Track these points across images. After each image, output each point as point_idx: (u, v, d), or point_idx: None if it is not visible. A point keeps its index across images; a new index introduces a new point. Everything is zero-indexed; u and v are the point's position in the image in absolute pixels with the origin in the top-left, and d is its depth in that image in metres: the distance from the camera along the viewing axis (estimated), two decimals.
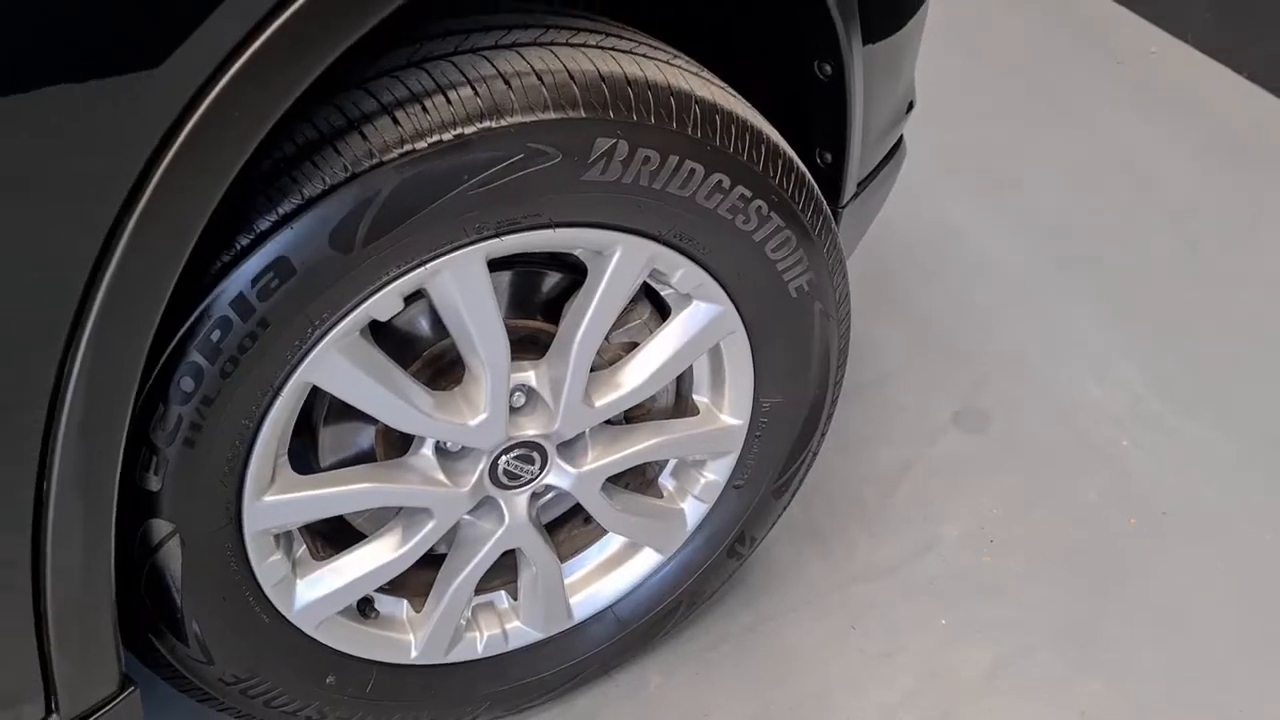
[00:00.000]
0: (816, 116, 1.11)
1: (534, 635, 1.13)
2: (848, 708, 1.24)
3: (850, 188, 1.18)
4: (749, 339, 1.02)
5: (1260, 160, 2.04)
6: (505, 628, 1.12)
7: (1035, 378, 1.60)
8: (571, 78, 0.82)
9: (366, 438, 0.99)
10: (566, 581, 1.12)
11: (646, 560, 1.15)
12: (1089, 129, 2.12)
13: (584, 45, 0.86)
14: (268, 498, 0.88)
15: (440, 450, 0.97)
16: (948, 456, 1.50)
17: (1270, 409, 1.56)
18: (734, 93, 0.94)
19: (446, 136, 0.78)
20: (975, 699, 1.25)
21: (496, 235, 0.84)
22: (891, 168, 1.31)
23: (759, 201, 0.93)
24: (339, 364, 0.84)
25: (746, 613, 1.32)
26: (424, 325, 0.96)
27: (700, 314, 0.99)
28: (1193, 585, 1.35)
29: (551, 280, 1.00)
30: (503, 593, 1.13)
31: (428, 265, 0.82)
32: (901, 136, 1.33)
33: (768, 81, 1.07)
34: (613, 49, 0.87)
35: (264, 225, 0.76)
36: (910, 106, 1.32)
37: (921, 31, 1.24)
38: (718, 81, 0.94)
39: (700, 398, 1.09)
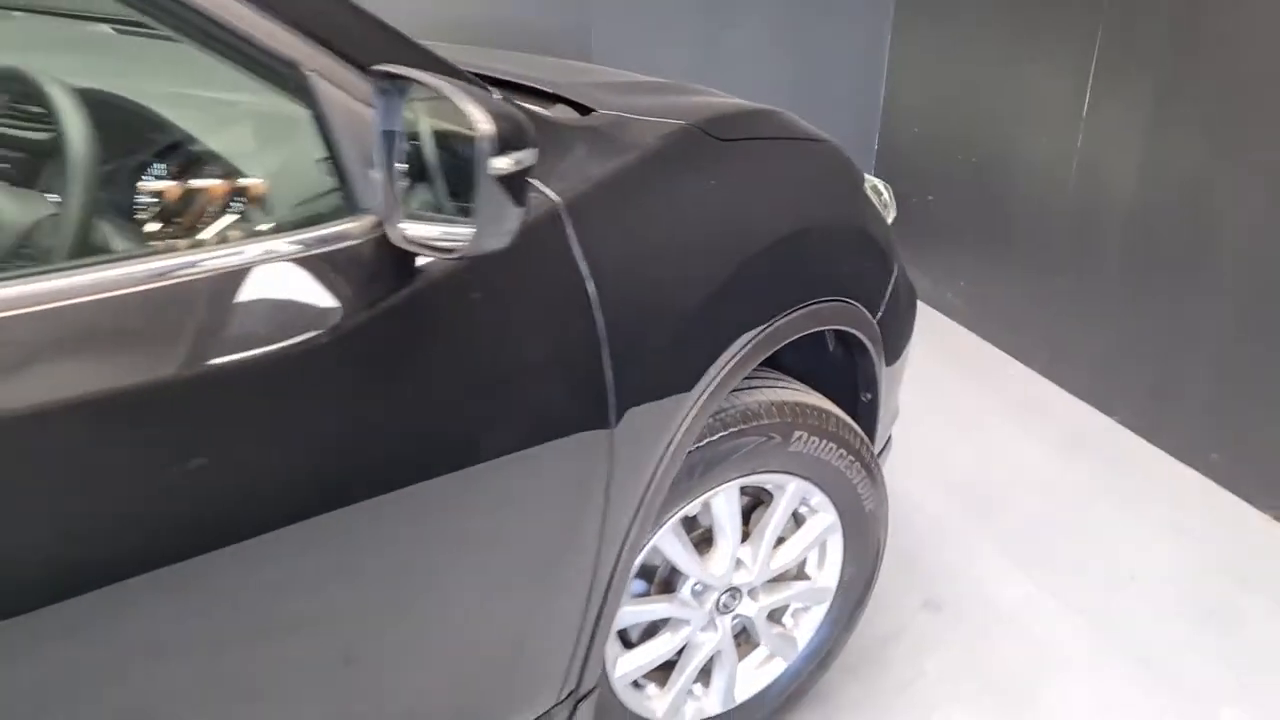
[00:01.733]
0: (858, 421, 2.09)
1: (716, 710, 1.96)
2: None
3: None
4: (843, 536, 1.95)
5: (1096, 459, 3.13)
6: (701, 704, 1.95)
7: (970, 580, 2.55)
8: (784, 403, 1.77)
9: (642, 583, 1.85)
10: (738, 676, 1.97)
11: (776, 666, 2.01)
12: (987, 437, 3.19)
13: (783, 387, 1.82)
14: (625, 608, 1.73)
15: (693, 589, 1.84)
16: (922, 623, 2.40)
17: (1117, 595, 2.53)
18: (840, 410, 1.91)
19: (733, 429, 1.71)
20: None
21: (745, 476, 1.76)
22: (887, 451, 2.30)
23: (857, 462, 1.88)
24: (670, 538, 1.72)
25: (815, 713, 2.16)
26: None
27: (821, 521, 1.91)
28: (1089, 695, 2.26)
29: (744, 500, 1.91)
30: (698, 684, 1.96)
31: (716, 490, 1.73)
32: (891, 435, 2.33)
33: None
34: (793, 389, 1.83)
35: None
36: (896, 416, 2.33)
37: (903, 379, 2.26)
38: (833, 404, 1.90)
39: (809, 568, 1.99)
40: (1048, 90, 3.40)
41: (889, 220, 2.08)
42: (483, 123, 0.93)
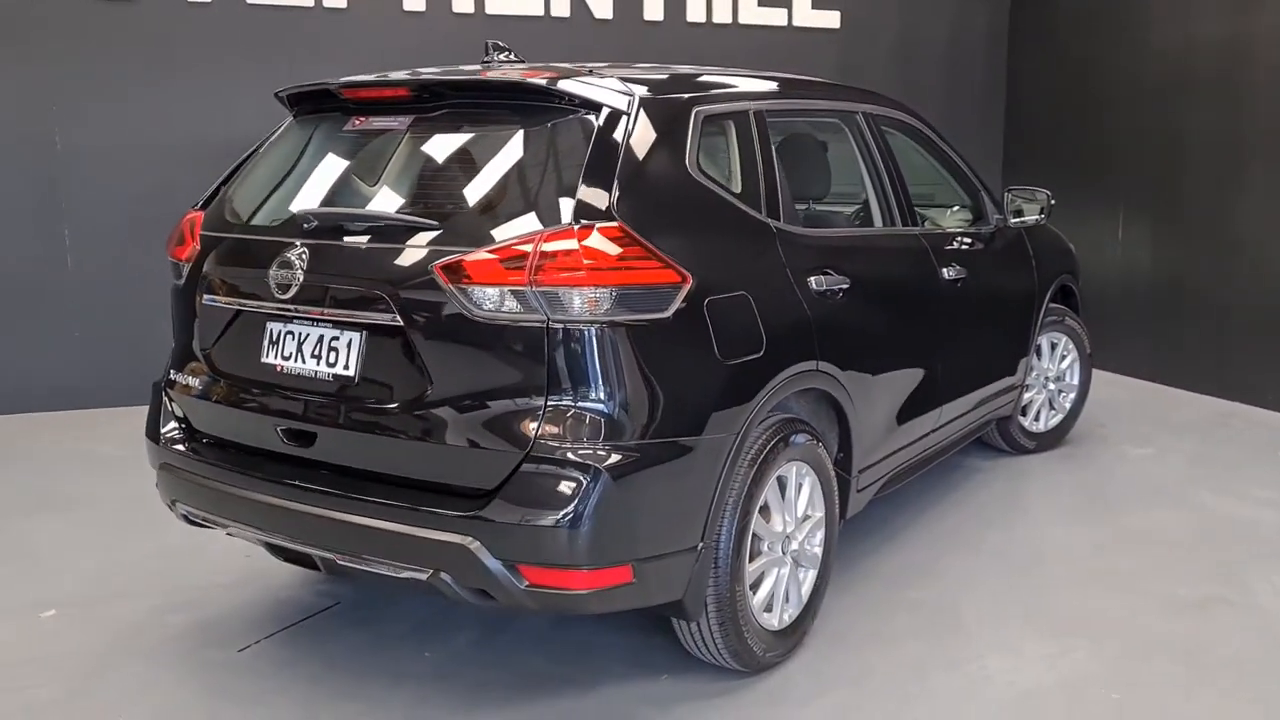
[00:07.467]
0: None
1: (1041, 429, 5.34)
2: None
3: None
4: (1080, 366, 5.41)
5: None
6: (1037, 425, 5.32)
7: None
8: (1059, 307, 5.28)
9: None
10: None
11: (1058, 418, 5.40)
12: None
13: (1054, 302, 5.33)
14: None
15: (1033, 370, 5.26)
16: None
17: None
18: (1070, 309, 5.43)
19: (1044, 319, 5.21)
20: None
21: (1047, 333, 5.25)
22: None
23: (1083, 332, 5.38)
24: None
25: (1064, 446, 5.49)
26: None
27: (1072, 360, 5.39)
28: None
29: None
30: (1032, 417, 5.34)
31: (1043, 337, 5.22)
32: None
33: None
34: (1055, 304, 5.35)
35: None
36: None
37: None
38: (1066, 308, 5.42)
39: (1070, 377, 5.43)
40: (1097, 223, 7.09)
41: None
42: (1045, 193, 4.57)
